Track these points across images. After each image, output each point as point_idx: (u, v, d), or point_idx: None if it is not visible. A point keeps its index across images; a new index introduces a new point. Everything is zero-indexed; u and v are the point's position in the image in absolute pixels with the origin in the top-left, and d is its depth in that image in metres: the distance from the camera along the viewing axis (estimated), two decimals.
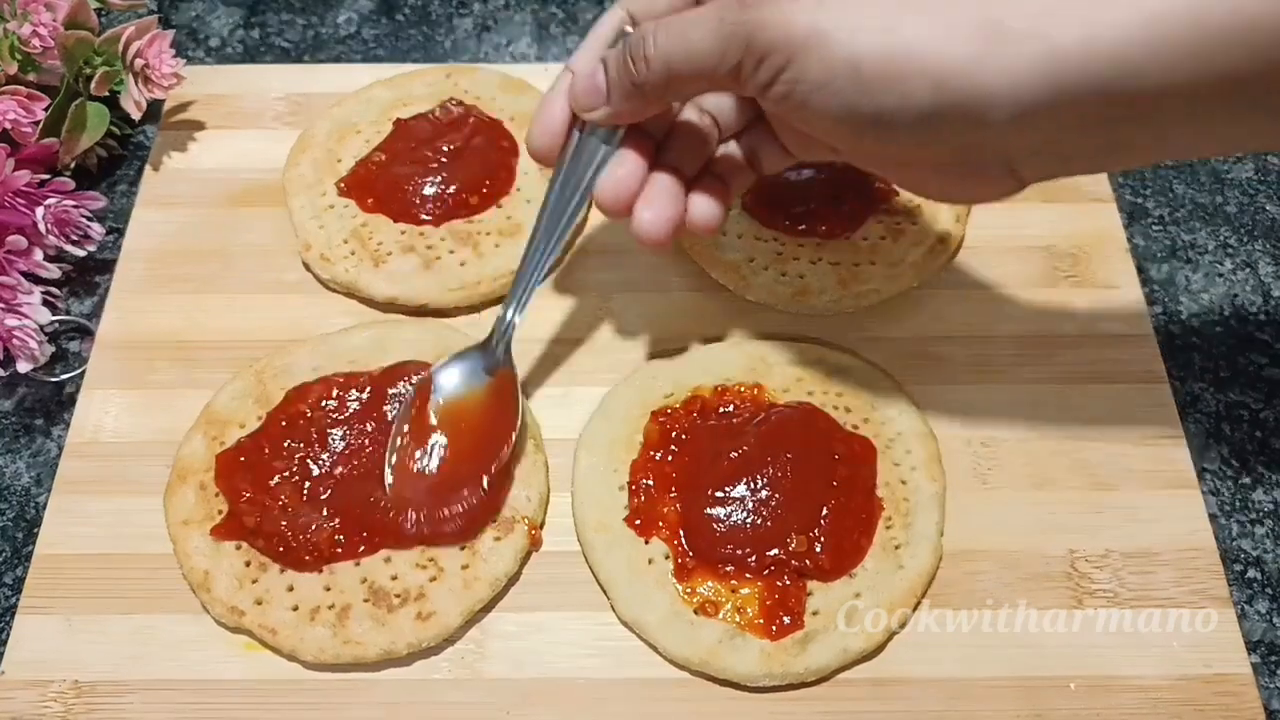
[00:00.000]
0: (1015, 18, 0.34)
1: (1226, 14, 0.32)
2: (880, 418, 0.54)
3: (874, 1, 0.37)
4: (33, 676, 0.48)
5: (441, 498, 0.50)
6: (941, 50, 0.35)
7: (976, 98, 0.35)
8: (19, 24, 0.62)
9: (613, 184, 0.46)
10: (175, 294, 0.60)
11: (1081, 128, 0.36)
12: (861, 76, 0.37)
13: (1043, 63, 0.34)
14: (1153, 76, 0.34)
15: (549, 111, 0.47)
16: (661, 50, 0.41)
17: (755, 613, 0.48)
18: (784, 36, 0.37)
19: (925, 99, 0.36)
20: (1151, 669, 0.48)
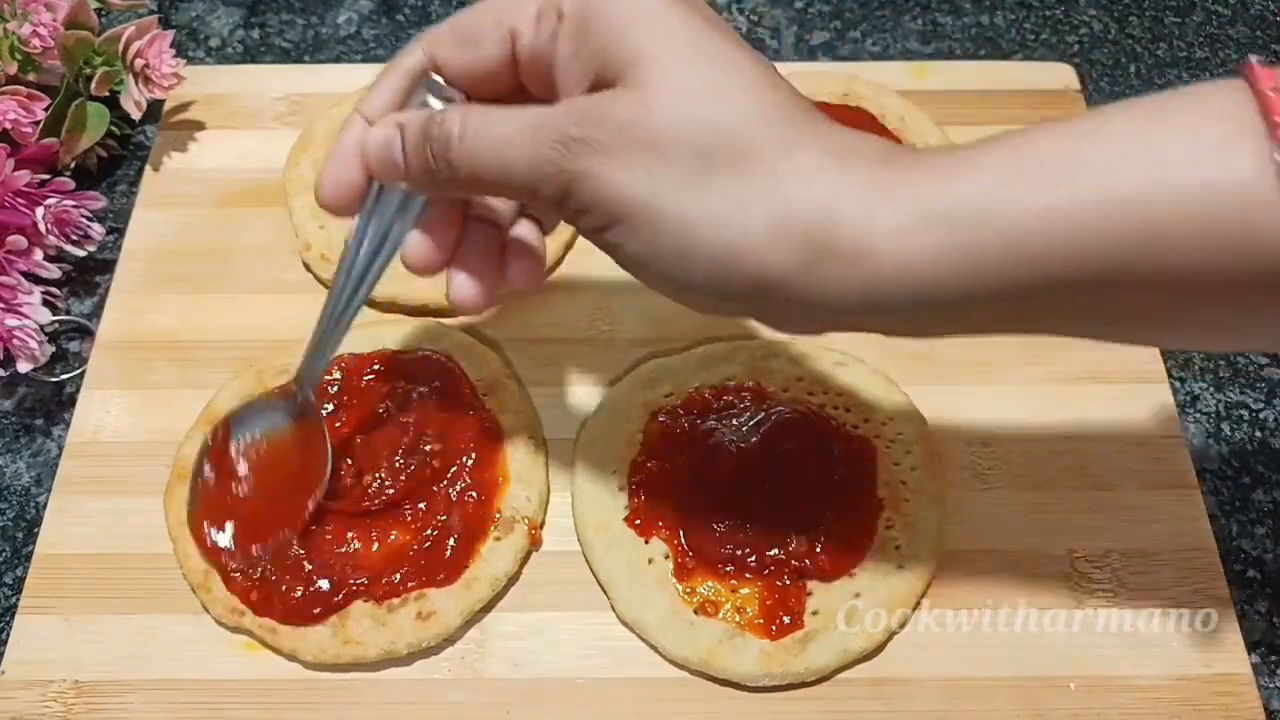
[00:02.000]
0: (840, 232, 0.33)
1: (1039, 239, 0.32)
2: (880, 418, 0.54)
3: (707, 185, 0.34)
4: (33, 676, 0.48)
5: (249, 541, 0.49)
6: (770, 260, 0.34)
7: (796, 302, 0.35)
8: (19, 24, 0.62)
9: (420, 248, 0.42)
10: (175, 294, 0.60)
11: (897, 323, 0.36)
12: (685, 266, 0.35)
13: (860, 283, 0.34)
14: (965, 296, 0.33)
15: (341, 166, 0.41)
16: (470, 160, 0.37)
17: (755, 613, 0.48)
18: (607, 199, 0.35)
19: (749, 295, 0.35)
20: (1151, 669, 0.48)
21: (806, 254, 0.33)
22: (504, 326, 0.59)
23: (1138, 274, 0.32)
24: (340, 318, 0.46)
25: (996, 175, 0.33)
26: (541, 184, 0.36)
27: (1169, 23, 0.75)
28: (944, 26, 0.74)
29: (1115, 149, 0.32)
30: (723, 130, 0.34)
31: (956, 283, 0.33)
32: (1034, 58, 0.73)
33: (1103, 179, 0.31)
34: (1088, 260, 0.32)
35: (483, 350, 0.56)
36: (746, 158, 0.34)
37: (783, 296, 0.35)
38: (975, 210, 0.32)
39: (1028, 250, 0.32)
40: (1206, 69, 0.72)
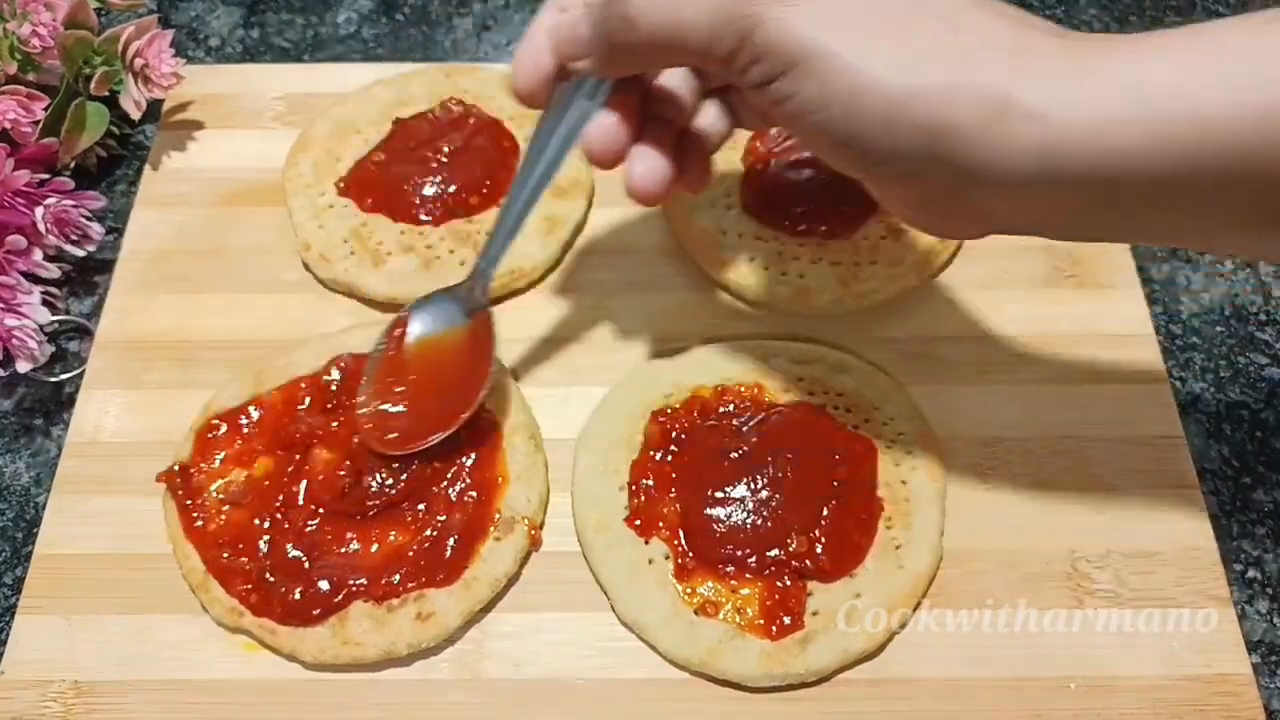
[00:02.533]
0: (1023, 93, 0.33)
1: (1226, 115, 0.32)
2: (880, 418, 0.54)
3: (883, 29, 0.34)
4: (33, 676, 0.48)
5: (411, 434, 0.51)
6: (944, 111, 0.34)
7: (969, 163, 0.34)
8: (19, 24, 0.62)
9: (602, 136, 0.43)
10: (174, 294, 0.60)
11: (1063, 204, 0.36)
12: (859, 112, 0.35)
13: (1039, 143, 0.34)
14: (1147, 172, 0.33)
15: (533, 51, 0.43)
16: (647, 16, 0.38)
17: (755, 613, 0.48)
18: (784, 44, 0.35)
19: (918, 151, 0.35)
20: (1151, 669, 0.48)
21: (985, 109, 0.33)
22: (504, 326, 0.59)
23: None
24: (525, 207, 0.48)
25: (1187, 52, 0.33)
26: (719, 31, 0.36)
27: (1169, 23, 0.75)
28: None
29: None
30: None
31: (1143, 155, 0.33)
32: None
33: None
34: (1274, 139, 0.31)
35: None
36: (923, 12, 0.34)
37: (955, 152, 0.34)
38: (1163, 81, 0.32)
39: (1216, 127, 0.32)
40: None
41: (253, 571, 0.49)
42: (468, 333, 0.53)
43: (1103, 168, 0.33)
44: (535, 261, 0.59)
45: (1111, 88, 0.33)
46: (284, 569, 0.49)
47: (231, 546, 0.50)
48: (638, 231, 0.62)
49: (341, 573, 0.49)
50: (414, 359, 0.52)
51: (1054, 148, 0.33)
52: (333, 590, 0.48)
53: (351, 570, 0.49)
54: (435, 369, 0.52)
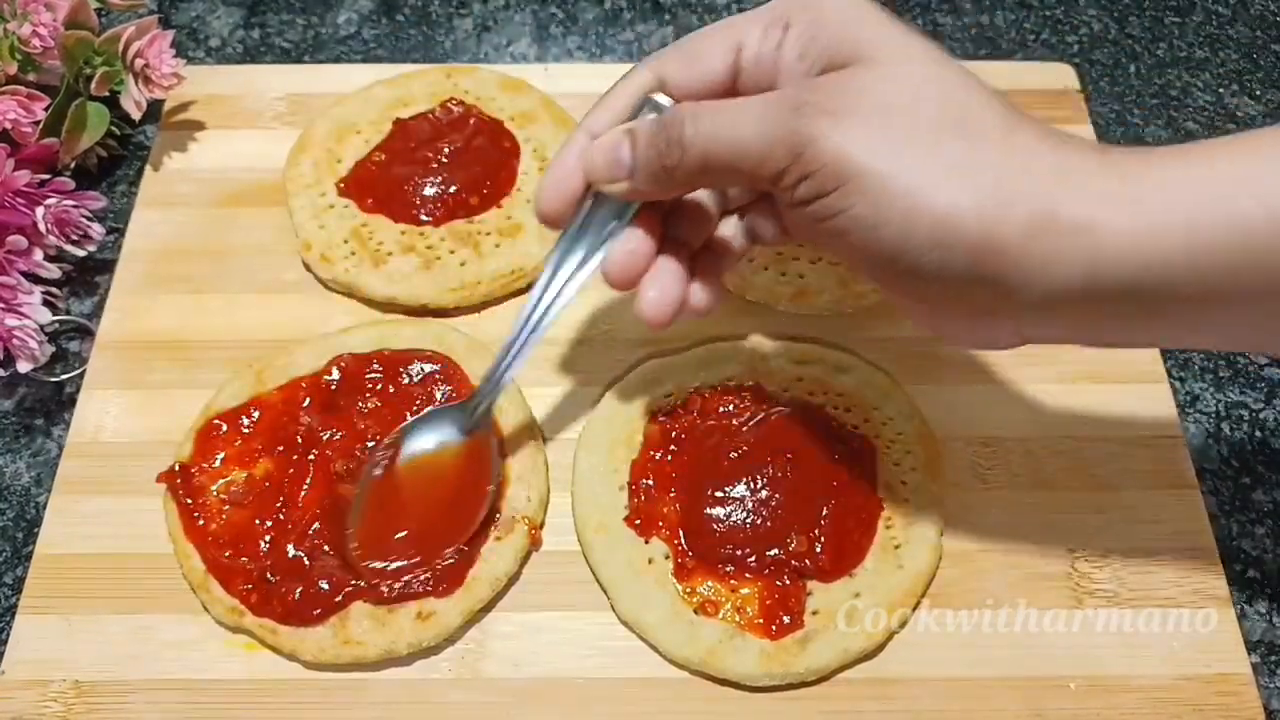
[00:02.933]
0: (1069, 208, 0.34)
1: (1266, 224, 0.33)
2: (880, 418, 0.54)
3: (937, 150, 0.35)
4: (33, 676, 0.48)
5: (410, 561, 0.49)
6: (994, 229, 0.34)
7: (1013, 278, 0.35)
8: (19, 24, 0.62)
9: (622, 259, 0.43)
10: (175, 294, 0.60)
11: (1103, 317, 0.37)
12: (911, 232, 0.35)
13: (1085, 258, 0.34)
14: (1189, 282, 0.34)
15: (562, 174, 0.44)
16: (704, 139, 0.39)
17: (755, 613, 0.48)
18: (837, 162, 0.35)
19: (962, 267, 0.35)
20: (1151, 669, 0.48)
21: (1031, 223, 0.34)
22: (504, 326, 0.59)
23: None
24: (541, 325, 0.47)
25: (1222, 167, 0.34)
26: (773, 149, 0.37)
27: (1169, 23, 0.75)
28: (944, 26, 0.74)
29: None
30: (953, 101, 0.36)
31: (1185, 265, 0.33)
32: (1034, 58, 0.73)
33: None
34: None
35: (483, 350, 0.56)
36: (975, 128, 0.35)
37: (1002, 269, 0.35)
38: (1199, 198, 0.33)
39: (1258, 237, 0.33)
40: (1206, 69, 0.72)
41: (253, 571, 0.49)
42: (464, 452, 0.51)
43: (1146, 277, 0.34)
44: (535, 261, 0.59)
45: (1153, 197, 0.34)
46: (284, 569, 0.49)
47: (232, 546, 0.50)
48: None
49: (342, 573, 0.49)
50: (408, 479, 0.50)
51: (1099, 259, 0.34)
52: (333, 590, 0.48)
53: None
54: (430, 489, 0.50)
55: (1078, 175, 0.35)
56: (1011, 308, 0.37)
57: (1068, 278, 0.35)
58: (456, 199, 0.61)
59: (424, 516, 0.50)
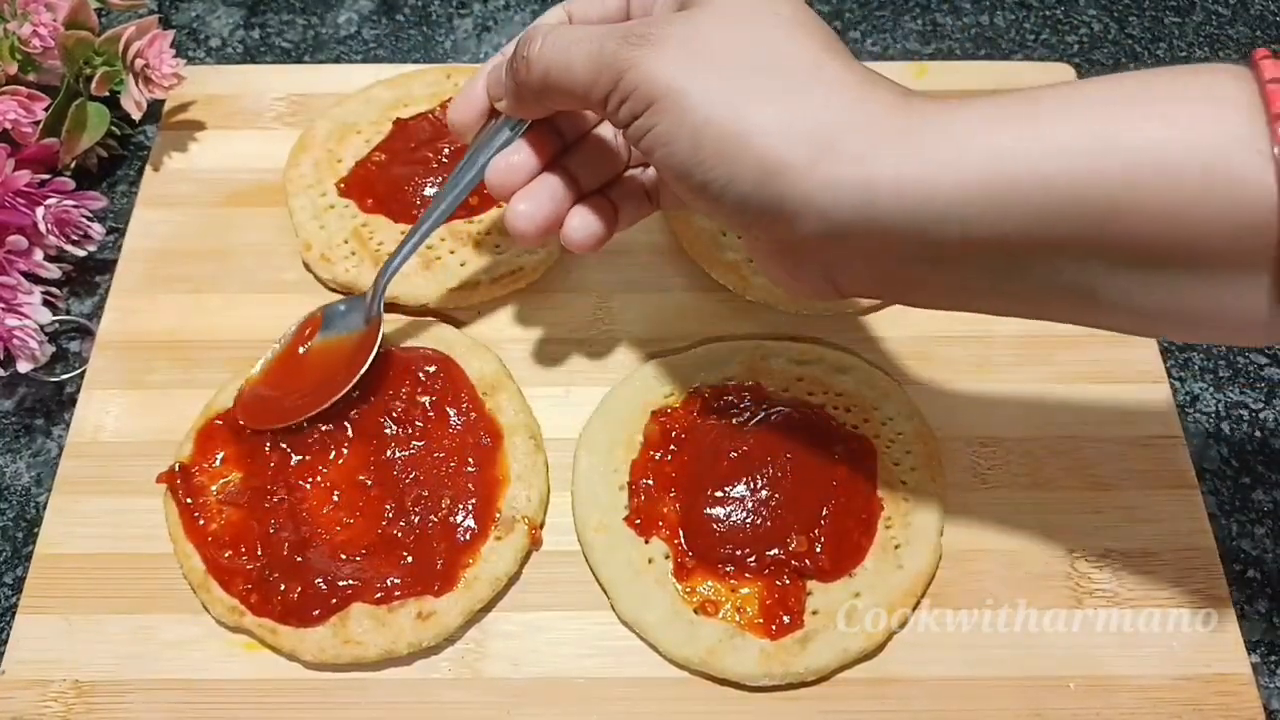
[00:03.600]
0: (847, 139, 0.36)
1: (1031, 166, 0.34)
2: (880, 418, 0.54)
3: (735, 75, 0.38)
4: (33, 676, 0.48)
5: (280, 414, 0.53)
6: (775, 146, 0.36)
7: (793, 201, 0.37)
8: (19, 24, 0.62)
9: (502, 168, 0.47)
10: (175, 294, 0.60)
11: (888, 259, 0.39)
12: (699, 144, 0.38)
13: (858, 188, 0.36)
14: (956, 220, 0.35)
15: (471, 90, 0.49)
16: (541, 59, 0.42)
17: (755, 612, 0.48)
18: (648, 84, 0.38)
19: (748, 186, 0.38)
20: (1151, 669, 0.48)
21: (811, 149, 0.36)
22: (504, 326, 0.59)
23: (1124, 220, 0.33)
24: (430, 227, 0.52)
25: (1000, 107, 0.35)
26: (600, 74, 0.40)
27: (1169, 23, 0.75)
28: (944, 26, 0.74)
29: (1116, 94, 0.34)
30: (768, 48, 0.38)
31: (950, 202, 0.35)
32: (1034, 58, 0.73)
33: (1099, 116, 0.33)
34: (1077, 194, 0.33)
35: (483, 350, 0.56)
36: (780, 68, 0.38)
37: (783, 187, 0.37)
38: (974, 132, 0.35)
39: (1021, 177, 0.34)
40: None
41: (253, 571, 0.49)
42: (359, 340, 0.54)
43: (917, 214, 0.36)
44: (535, 261, 0.60)
45: (929, 138, 0.35)
46: (283, 568, 0.49)
47: (232, 546, 0.50)
48: (638, 231, 0.61)
49: (337, 567, 0.49)
50: (308, 356, 0.55)
51: (871, 191, 0.36)
52: (330, 590, 0.48)
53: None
54: (324, 367, 0.54)
55: (866, 111, 0.36)
56: (802, 239, 0.38)
57: (843, 205, 0.36)
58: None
59: (303, 386, 0.54)
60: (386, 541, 0.50)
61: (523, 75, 0.43)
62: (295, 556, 0.49)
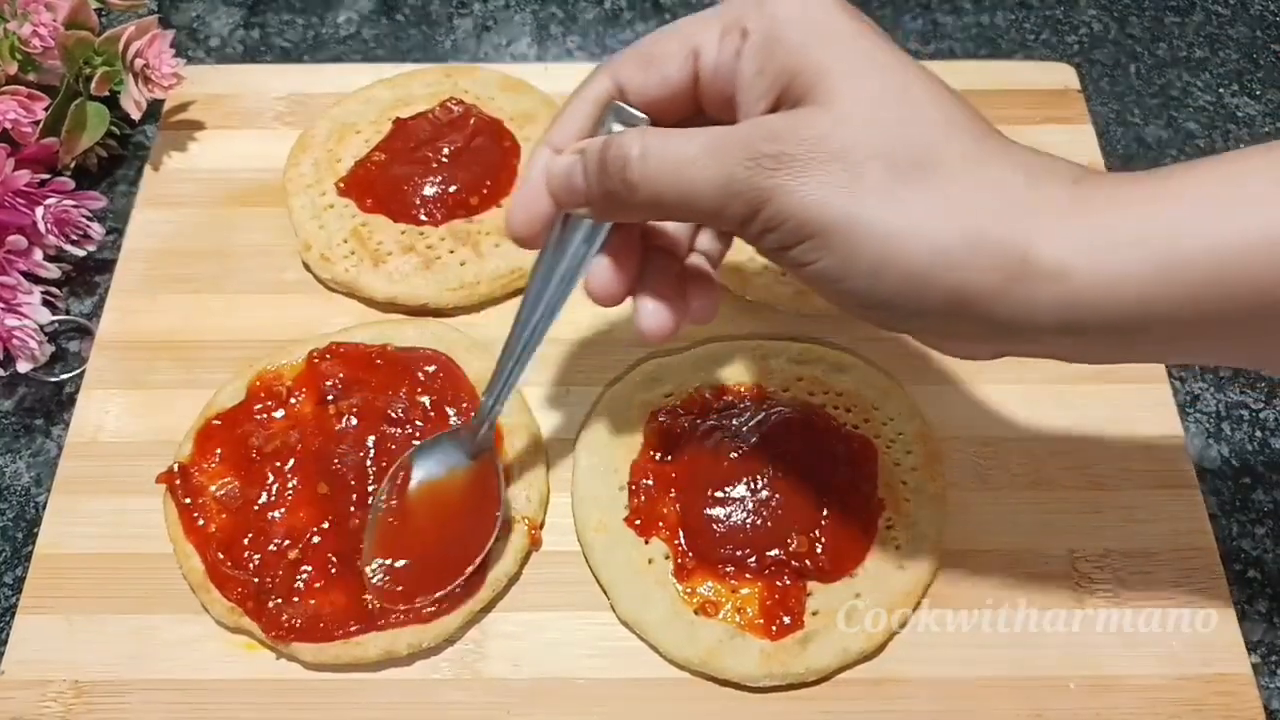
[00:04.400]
0: (1040, 254, 0.33)
1: (1238, 268, 0.32)
2: (880, 418, 0.54)
3: (902, 199, 0.34)
4: (33, 676, 0.48)
5: (421, 586, 0.48)
6: (965, 277, 0.34)
7: (989, 320, 0.35)
8: (19, 24, 0.62)
9: (602, 280, 0.42)
10: (175, 294, 0.60)
11: (1080, 346, 0.36)
12: (880, 280, 0.35)
13: (1059, 303, 0.34)
14: (1165, 318, 0.34)
15: (531, 195, 0.42)
16: (649, 184, 0.37)
17: (755, 613, 0.48)
18: (801, 217, 0.34)
19: (938, 311, 0.35)
20: (1151, 669, 0.48)
21: (1004, 271, 0.33)
22: (504, 326, 0.58)
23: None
24: (525, 352, 0.46)
25: (1192, 201, 0.33)
26: (730, 202, 0.35)
27: (1169, 23, 0.75)
28: (944, 26, 0.74)
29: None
30: (915, 142, 0.34)
31: (1161, 303, 0.33)
32: (1034, 58, 0.73)
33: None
34: (1255, 286, 0.32)
35: (482, 350, 0.56)
36: (940, 169, 0.34)
37: (978, 314, 0.34)
38: (1172, 234, 0.33)
39: (1223, 275, 0.32)
40: (1206, 69, 0.72)
41: (248, 583, 0.49)
42: (472, 476, 0.50)
43: (1124, 319, 0.34)
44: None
45: (1126, 238, 0.33)
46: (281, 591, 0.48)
47: (226, 551, 0.49)
48: None
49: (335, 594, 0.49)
50: (418, 506, 0.50)
51: (1074, 306, 0.34)
52: (334, 620, 0.48)
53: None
54: (439, 516, 0.50)
55: (1049, 216, 0.34)
56: (992, 339, 0.37)
57: (1042, 321, 0.34)
58: (456, 199, 0.61)
59: (435, 544, 0.49)
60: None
61: (623, 198, 0.37)
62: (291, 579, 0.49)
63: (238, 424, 0.53)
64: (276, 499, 0.51)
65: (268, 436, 0.52)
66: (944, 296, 0.34)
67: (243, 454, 0.52)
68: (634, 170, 0.37)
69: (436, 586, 0.48)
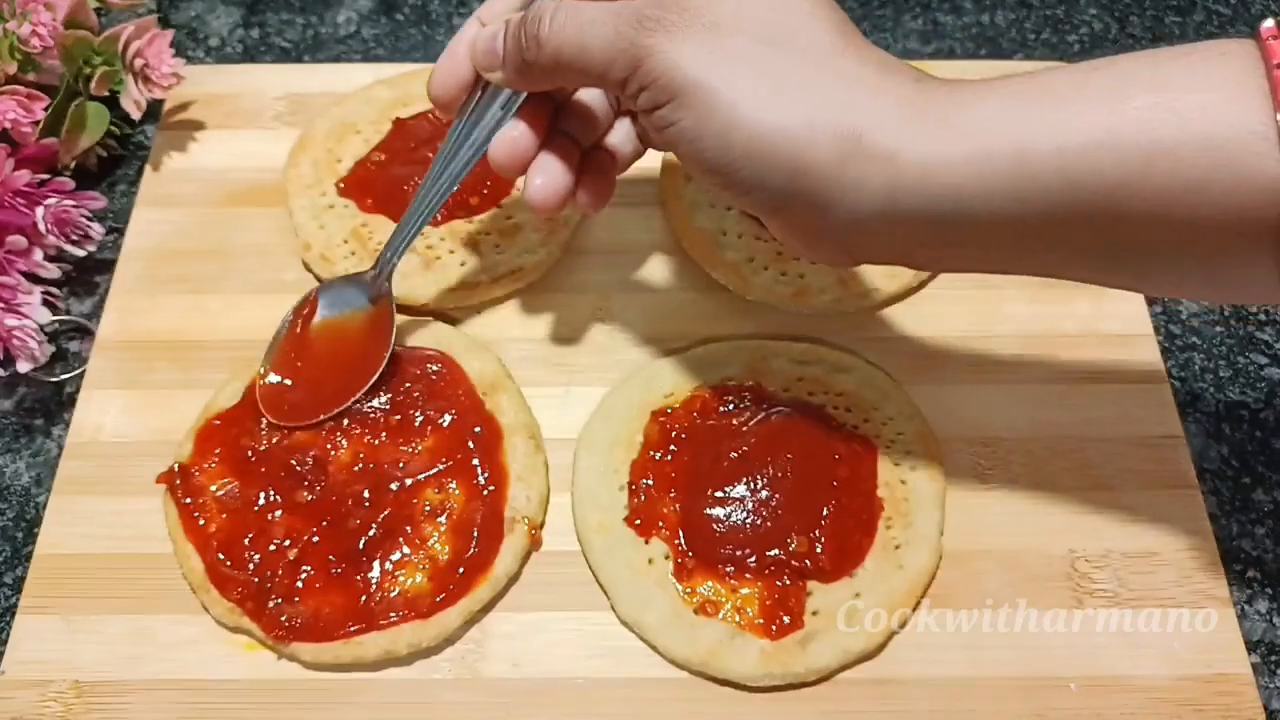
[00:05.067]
0: (873, 133, 0.37)
1: (1048, 154, 0.35)
2: (880, 418, 0.54)
3: (758, 66, 0.37)
4: (33, 676, 0.48)
5: (304, 409, 0.52)
6: (803, 149, 0.37)
7: (821, 196, 0.38)
8: (19, 24, 0.62)
9: (507, 145, 0.46)
10: (175, 294, 0.60)
11: (912, 239, 0.39)
12: (728, 144, 0.38)
13: (884, 182, 0.37)
14: (978, 208, 0.36)
15: (452, 61, 0.47)
16: (552, 39, 0.41)
17: (755, 613, 0.48)
18: (668, 75, 0.38)
19: (778, 183, 0.38)
20: (1151, 669, 0.48)
21: (838, 148, 0.37)
22: (504, 326, 0.59)
23: (1135, 202, 0.34)
24: (427, 211, 0.51)
25: (1016, 96, 0.36)
26: (615, 59, 0.39)
27: (1169, 22, 0.75)
28: (944, 26, 0.74)
29: (1127, 81, 0.35)
30: (781, 25, 0.38)
31: (972, 193, 0.36)
32: (1034, 58, 0.73)
33: (1111, 104, 0.34)
34: (1092, 180, 0.34)
35: (482, 350, 0.56)
36: (798, 53, 0.38)
37: (813, 189, 0.37)
38: (991, 124, 0.36)
39: (1038, 165, 0.35)
40: None
41: (248, 583, 0.49)
42: (369, 317, 0.54)
43: (941, 204, 0.37)
44: (535, 261, 0.59)
45: (948, 130, 0.36)
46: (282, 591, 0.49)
47: (226, 552, 0.49)
48: (638, 231, 0.62)
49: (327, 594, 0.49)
50: (317, 338, 0.54)
51: (898, 187, 0.37)
52: (330, 622, 0.48)
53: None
54: (335, 349, 0.54)
55: (887, 103, 0.37)
56: (828, 223, 0.39)
57: (870, 200, 0.37)
58: (456, 199, 0.61)
59: (327, 373, 0.54)
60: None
61: (532, 54, 0.42)
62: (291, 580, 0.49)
63: (238, 424, 0.53)
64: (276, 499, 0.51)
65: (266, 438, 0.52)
66: (783, 167, 0.37)
67: (241, 455, 0.52)
68: (544, 26, 0.42)
69: (317, 412, 0.52)
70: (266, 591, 0.48)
